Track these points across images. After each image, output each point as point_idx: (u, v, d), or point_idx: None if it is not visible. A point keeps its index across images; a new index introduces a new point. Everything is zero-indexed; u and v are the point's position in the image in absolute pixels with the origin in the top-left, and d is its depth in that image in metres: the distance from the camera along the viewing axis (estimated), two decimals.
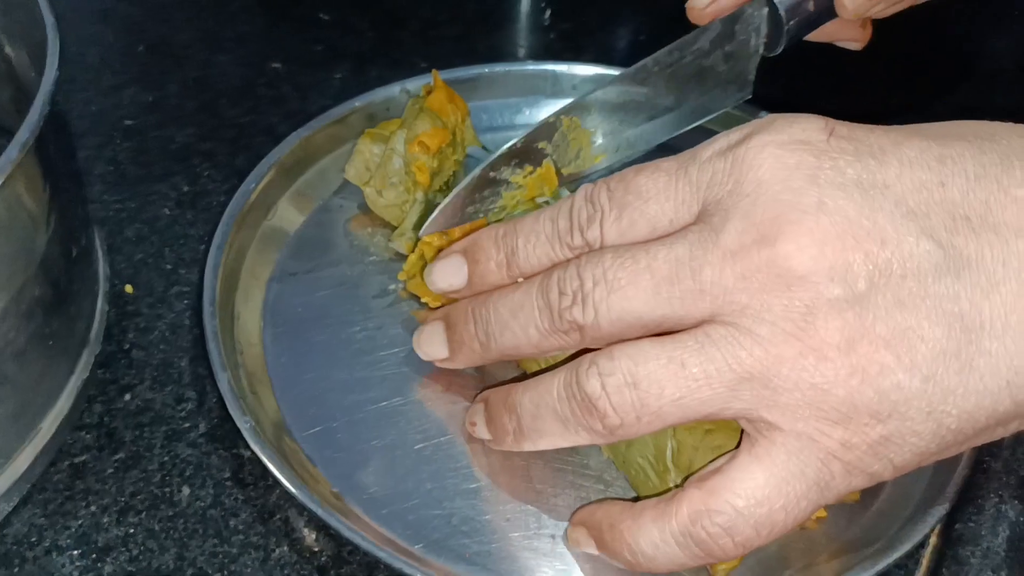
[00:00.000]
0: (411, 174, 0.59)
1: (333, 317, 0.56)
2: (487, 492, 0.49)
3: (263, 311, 0.56)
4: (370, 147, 0.61)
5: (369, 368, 0.54)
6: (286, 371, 0.53)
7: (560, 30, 0.78)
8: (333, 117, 0.64)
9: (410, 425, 0.52)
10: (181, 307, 0.57)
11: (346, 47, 0.75)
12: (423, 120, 0.60)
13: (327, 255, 0.60)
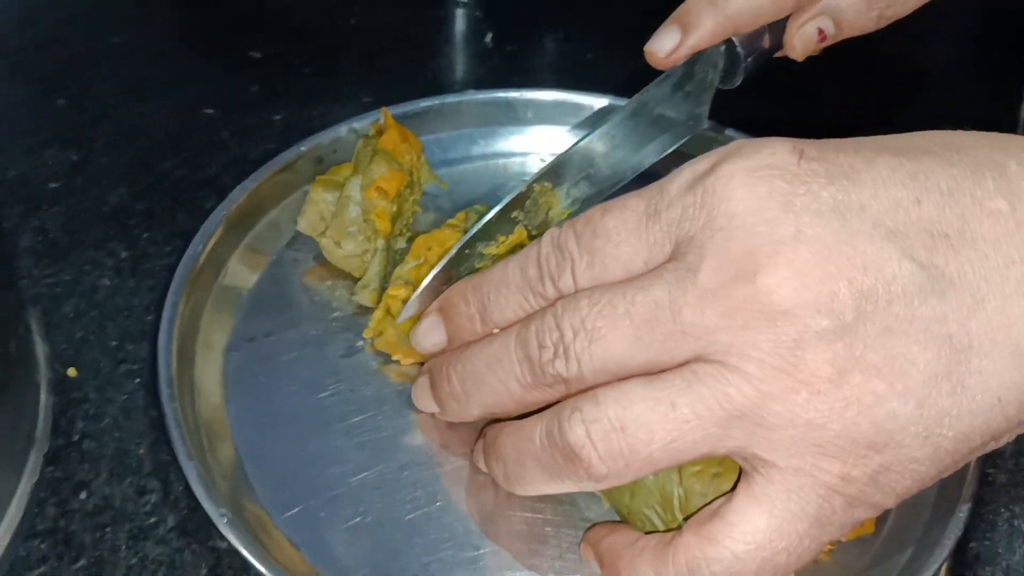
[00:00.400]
0: (370, 222, 0.56)
1: (300, 383, 0.52)
2: (488, 559, 0.46)
3: (224, 383, 0.52)
4: (323, 195, 0.57)
5: (345, 436, 0.50)
6: (256, 448, 0.49)
7: (504, 53, 0.75)
8: (280, 164, 0.60)
9: (397, 495, 0.48)
10: (132, 387, 0.53)
11: (284, 85, 0.71)
12: (378, 163, 0.56)
13: (286, 314, 0.56)
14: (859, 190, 0.37)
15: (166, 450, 0.49)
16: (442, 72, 0.74)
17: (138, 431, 0.50)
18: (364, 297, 0.56)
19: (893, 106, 0.72)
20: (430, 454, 0.50)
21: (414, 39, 0.76)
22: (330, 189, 0.57)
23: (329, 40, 0.75)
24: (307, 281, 0.57)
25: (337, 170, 0.58)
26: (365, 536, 0.46)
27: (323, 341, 0.54)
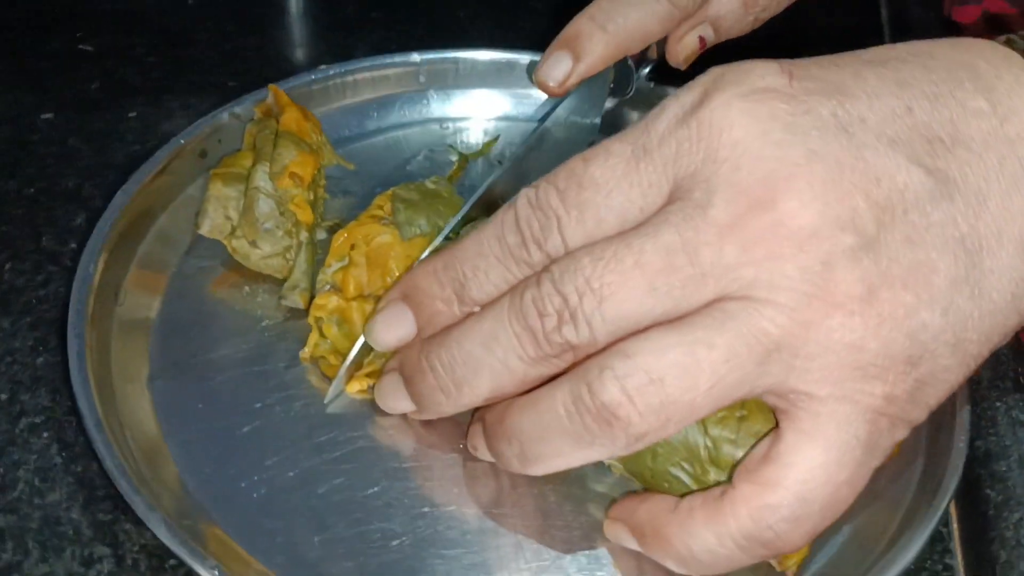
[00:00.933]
0: (288, 214, 0.49)
1: (244, 404, 0.46)
2: (492, 561, 0.42)
3: (156, 418, 0.45)
4: (224, 191, 0.50)
5: (314, 455, 0.44)
6: (217, 487, 0.43)
7: (370, 20, 0.69)
8: (159, 164, 0.52)
9: (377, 514, 0.43)
10: (40, 445, 0.44)
11: (130, 79, 0.63)
12: (285, 146, 0.50)
13: (207, 332, 0.48)
14: (855, 104, 0.36)
15: (104, 507, 0.42)
16: (305, 47, 0.67)
17: (65, 494, 0.43)
18: (294, 300, 0.49)
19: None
20: (410, 466, 0.44)
21: (263, 16, 0.69)
22: (231, 183, 0.50)
23: (168, 25, 0.67)
24: (220, 292, 0.50)
25: (232, 161, 0.51)
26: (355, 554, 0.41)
27: (259, 355, 0.48)
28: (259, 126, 0.52)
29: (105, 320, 0.47)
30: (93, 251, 0.48)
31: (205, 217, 0.50)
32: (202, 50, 0.65)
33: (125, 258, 0.50)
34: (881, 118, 0.36)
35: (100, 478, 0.43)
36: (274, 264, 0.50)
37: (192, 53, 0.65)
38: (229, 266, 0.51)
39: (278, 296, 0.50)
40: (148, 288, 0.50)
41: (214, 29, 0.67)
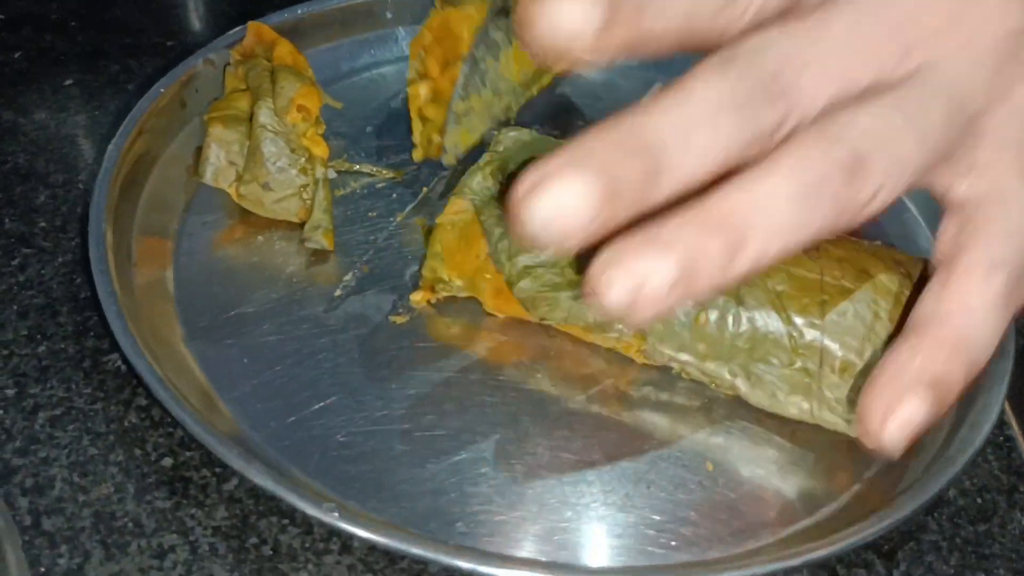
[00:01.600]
0: (300, 150, 0.46)
1: (292, 353, 0.43)
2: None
3: (206, 378, 0.41)
4: (225, 135, 0.46)
5: (379, 392, 0.42)
6: (287, 439, 0.40)
7: None
8: (140, 119, 0.47)
9: (461, 448, 0.41)
10: (69, 438, 0.40)
11: (57, 46, 0.57)
12: (286, 80, 0.47)
13: (231, 289, 0.45)
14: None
15: (160, 494, 0.38)
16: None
17: (111, 484, 0.38)
18: (318, 240, 0.46)
19: None
20: (487, 390, 0.43)
21: None
22: (232, 125, 0.47)
23: None
24: (232, 246, 0.47)
25: (224, 104, 0.48)
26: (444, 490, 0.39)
27: (292, 302, 0.45)
28: (247, 66, 0.48)
29: (127, 284, 0.42)
30: (99, 214, 0.43)
31: (207, 164, 0.47)
32: (126, 12, 0.60)
33: (126, 223, 0.45)
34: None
35: (147, 464, 0.39)
36: (290, 206, 0.46)
37: (116, 16, 0.60)
38: (235, 217, 0.47)
39: (299, 240, 0.47)
40: (156, 253, 0.45)
41: None
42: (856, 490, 0.41)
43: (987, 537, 0.40)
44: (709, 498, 0.40)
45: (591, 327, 0.43)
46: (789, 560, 0.36)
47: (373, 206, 0.50)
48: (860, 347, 0.40)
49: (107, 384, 0.40)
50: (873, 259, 0.42)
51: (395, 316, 0.45)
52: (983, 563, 0.39)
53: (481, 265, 0.44)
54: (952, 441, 0.40)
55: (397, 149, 0.52)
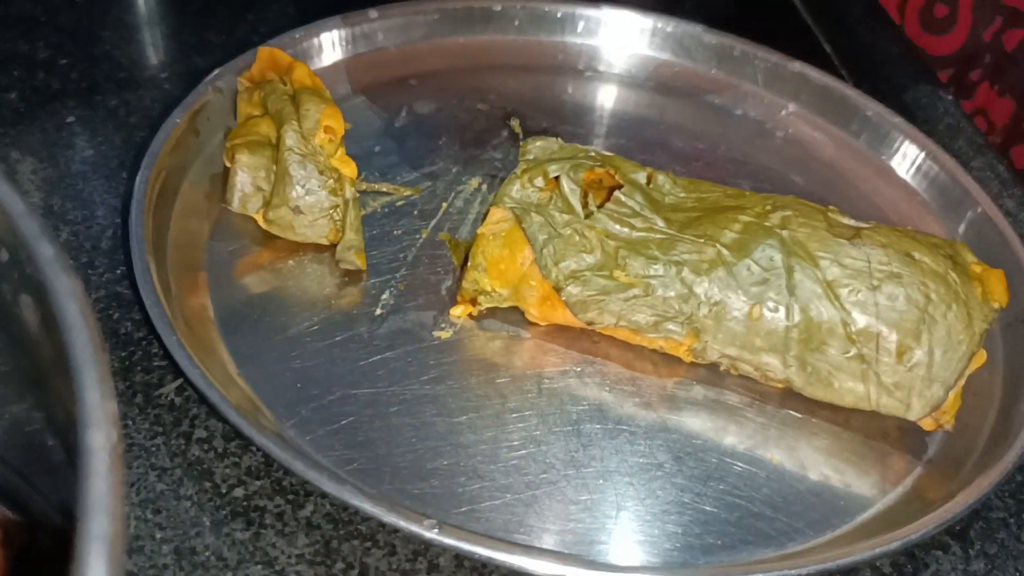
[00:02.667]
0: (328, 171, 0.45)
1: (347, 375, 0.42)
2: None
3: (266, 408, 0.40)
4: (252, 160, 0.46)
5: (436, 408, 0.41)
6: (364, 465, 0.39)
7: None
8: (161, 151, 0.46)
9: (521, 454, 0.40)
10: (135, 476, 0.39)
11: (50, 84, 0.55)
12: (310, 102, 0.46)
13: (272, 315, 0.44)
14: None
15: (238, 526, 0.37)
16: (220, 27, 0.62)
17: (187, 519, 0.37)
18: (351, 260, 0.46)
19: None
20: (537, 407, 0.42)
21: (163, 3, 0.63)
22: (257, 151, 0.46)
23: (63, 24, 0.60)
24: (264, 271, 0.46)
25: (244, 130, 0.47)
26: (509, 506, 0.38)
27: (336, 324, 0.44)
28: (263, 91, 0.48)
29: (176, 317, 0.41)
30: (140, 249, 0.42)
31: (234, 191, 0.46)
32: (115, 45, 0.59)
33: (161, 255, 0.44)
34: None
35: (218, 496, 0.38)
36: (321, 228, 0.46)
37: (105, 50, 0.58)
38: (260, 243, 0.47)
39: (329, 261, 0.46)
40: (193, 284, 0.44)
41: (116, 22, 0.60)
42: (919, 473, 0.41)
43: None
44: (779, 491, 0.40)
45: (641, 328, 0.43)
46: (871, 551, 0.36)
47: (397, 224, 0.49)
48: (915, 330, 0.40)
49: (163, 418, 0.39)
50: (915, 243, 0.42)
51: (439, 332, 0.44)
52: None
53: (526, 272, 0.43)
54: (1011, 416, 0.41)
55: (407, 167, 0.52)
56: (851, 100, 0.56)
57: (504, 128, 0.55)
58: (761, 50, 0.58)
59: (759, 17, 0.68)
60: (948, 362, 0.40)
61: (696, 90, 0.58)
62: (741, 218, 0.43)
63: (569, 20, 0.59)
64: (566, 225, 0.43)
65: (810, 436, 0.42)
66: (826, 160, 0.55)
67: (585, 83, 0.58)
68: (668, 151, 0.55)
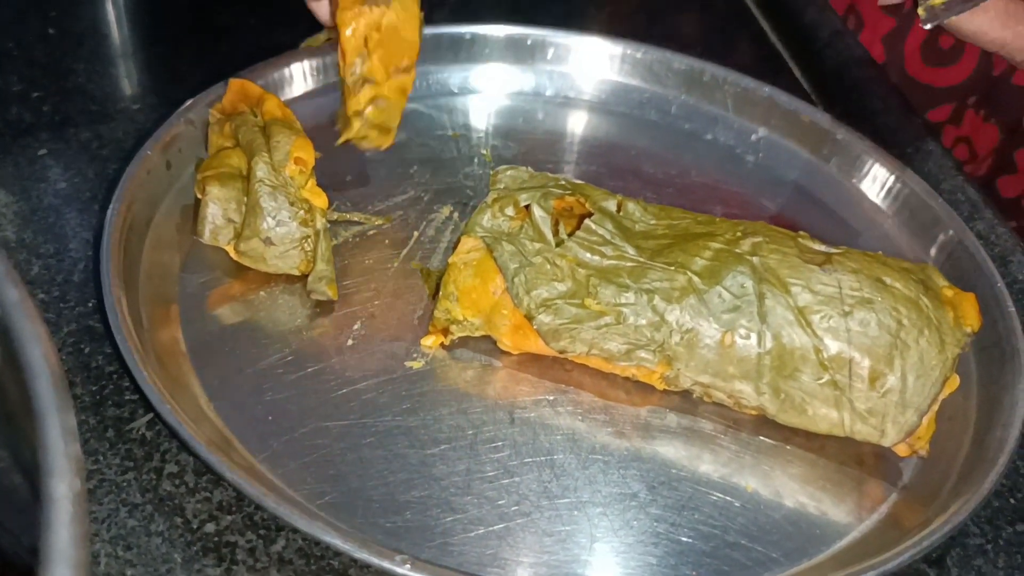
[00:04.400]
0: (299, 202, 0.45)
1: (319, 407, 0.42)
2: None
3: (239, 441, 0.40)
4: (223, 192, 0.45)
5: (414, 441, 0.41)
6: (341, 498, 0.39)
7: (248, 24, 0.65)
8: (128, 183, 0.46)
9: (501, 489, 0.40)
10: (105, 511, 0.38)
11: (23, 117, 0.55)
12: (281, 134, 0.46)
13: (246, 348, 0.44)
14: None
15: (209, 561, 0.36)
16: (190, 59, 0.62)
17: (158, 554, 0.37)
18: (323, 291, 0.46)
19: None
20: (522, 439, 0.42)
21: (138, 36, 0.63)
22: (228, 183, 0.46)
23: (36, 58, 0.60)
24: (236, 303, 0.46)
25: (216, 162, 0.47)
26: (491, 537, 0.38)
27: (307, 357, 0.44)
28: (234, 123, 0.48)
29: (147, 351, 0.41)
30: (110, 283, 0.42)
31: (205, 223, 0.46)
32: (88, 79, 0.59)
33: (133, 288, 0.44)
34: None
35: (189, 532, 0.37)
36: (292, 259, 0.46)
37: (78, 83, 0.58)
38: (232, 274, 0.46)
39: (301, 292, 0.46)
40: (165, 317, 0.44)
41: (89, 55, 0.60)
42: (895, 499, 0.41)
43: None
44: (755, 520, 0.40)
45: (613, 356, 0.43)
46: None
47: (368, 254, 0.49)
48: (888, 355, 0.40)
49: (134, 453, 0.39)
50: (886, 268, 0.42)
51: (411, 362, 0.44)
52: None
53: (498, 301, 0.43)
54: (986, 442, 0.41)
55: (378, 196, 0.52)
56: (821, 124, 0.56)
57: (475, 156, 0.55)
58: (731, 75, 0.58)
59: (728, 43, 0.69)
60: (921, 387, 0.41)
61: (666, 116, 0.59)
62: (712, 245, 0.43)
63: (539, 47, 0.59)
64: (537, 254, 0.43)
65: (785, 463, 0.42)
66: (797, 184, 0.56)
67: (556, 110, 0.58)
68: (639, 177, 0.55)
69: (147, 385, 0.38)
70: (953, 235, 0.51)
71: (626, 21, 0.67)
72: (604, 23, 0.67)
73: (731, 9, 0.71)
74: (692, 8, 0.70)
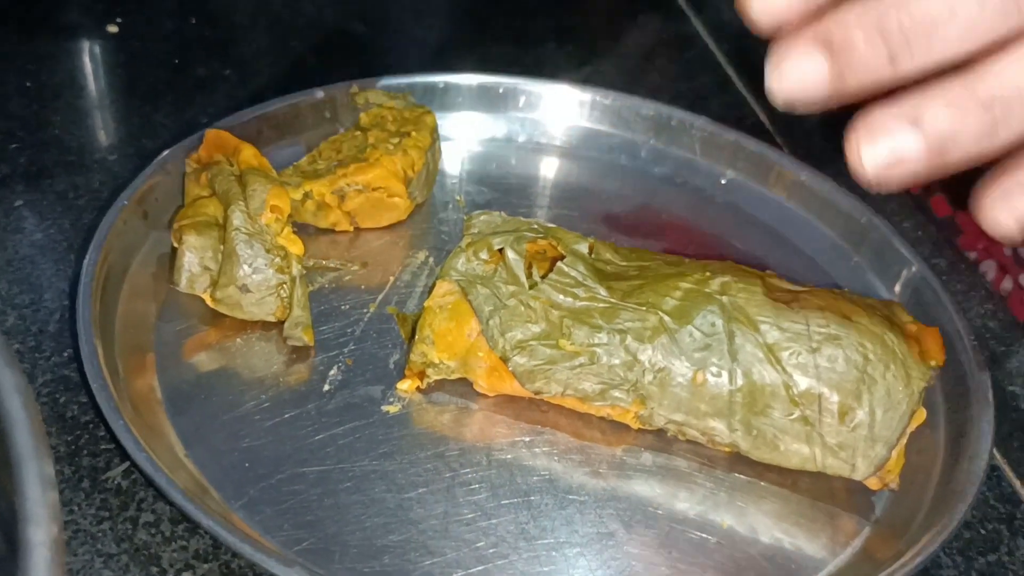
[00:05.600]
0: (275, 249, 0.46)
1: (296, 452, 0.42)
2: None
3: (215, 490, 0.40)
4: (199, 241, 0.46)
5: (391, 485, 0.41)
6: (316, 545, 0.39)
7: (223, 75, 0.66)
8: (106, 233, 0.46)
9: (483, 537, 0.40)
10: (80, 563, 0.38)
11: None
12: (256, 182, 0.47)
13: (223, 395, 0.44)
14: None
15: None
16: (169, 109, 0.62)
17: None
18: (299, 337, 0.46)
19: None
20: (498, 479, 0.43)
21: (113, 87, 0.64)
22: (204, 232, 0.46)
23: (12, 111, 0.60)
24: (212, 351, 0.46)
25: (192, 211, 0.47)
26: None
27: (283, 403, 0.44)
28: (210, 172, 0.48)
29: (123, 400, 0.41)
30: (87, 332, 0.42)
31: (182, 272, 0.46)
32: (64, 129, 0.59)
33: (109, 338, 0.44)
34: None
35: None
36: (268, 306, 0.46)
37: (55, 134, 0.59)
38: (208, 322, 0.47)
39: (277, 339, 0.46)
40: (140, 366, 0.44)
41: (66, 107, 0.61)
42: (868, 533, 0.42)
43: (999, 567, 0.41)
44: (731, 556, 0.40)
45: (588, 396, 0.44)
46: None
47: (344, 299, 0.49)
48: (856, 390, 0.41)
49: (110, 503, 0.39)
50: (852, 305, 0.43)
51: (388, 406, 0.44)
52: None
53: (473, 344, 0.44)
54: (953, 475, 0.42)
55: (355, 242, 0.52)
56: (785, 167, 0.57)
57: (449, 202, 0.56)
58: (699, 120, 0.59)
59: (696, 88, 0.70)
60: (889, 421, 0.41)
61: (636, 159, 0.60)
62: (682, 285, 0.44)
63: (511, 95, 0.60)
64: (511, 296, 0.44)
65: (759, 499, 0.43)
66: (764, 225, 0.57)
67: (528, 155, 0.59)
68: (610, 220, 0.56)
69: (123, 434, 0.38)
70: (916, 272, 0.52)
71: (595, 69, 0.69)
72: (574, 71, 0.68)
73: (697, 56, 0.73)
74: (660, 55, 0.72)
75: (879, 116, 0.34)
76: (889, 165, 0.33)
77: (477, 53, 0.68)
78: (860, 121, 0.34)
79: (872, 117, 0.34)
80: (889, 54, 0.33)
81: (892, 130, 0.33)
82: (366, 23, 0.72)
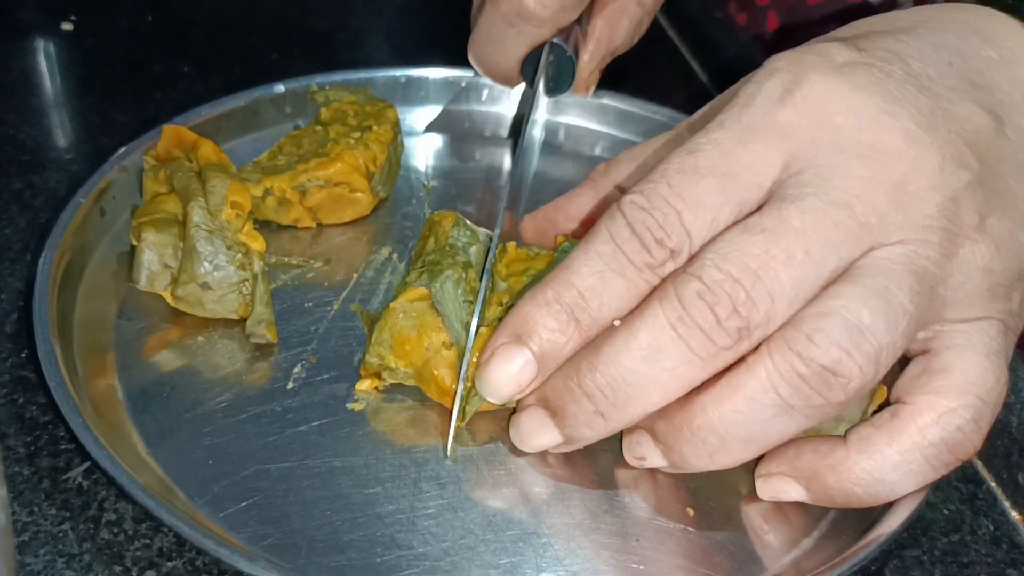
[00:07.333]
0: (236, 246, 0.45)
1: (261, 450, 0.42)
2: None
3: (178, 488, 0.39)
4: (158, 238, 0.45)
5: (357, 482, 0.41)
6: (284, 543, 0.38)
7: (183, 72, 0.65)
8: (62, 232, 0.46)
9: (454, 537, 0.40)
10: (41, 563, 0.37)
11: None
12: (216, 178, 0.46)
13: (185, 393, 0.43)
14: (915, 65, 0.39)
15: None
16: (129, 106, 0.62)
17: None
18: (262, 334, 0.45)
19: None
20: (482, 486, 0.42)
21: (68, 89, 0.63)
22: (164, 229, 0.46)
23: None
24: (174, 348, 0.45)
25: (151, 208, 0.47)
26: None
27: (247, 401, 0.44)
28: (168, 169, 0.48)
29: (82, 399, 0.41)
30: (44, 332, 0.42)
31: (141, 269, 0.45)
32: (19, 128, 0.58)
33: (67, 337, 0.44)
34: (938, 73, 0.39)
35: None
36: (230, 303, 0.45)
37: (9, 133, 0.58)
38: (169, 320, 0.46)
39: (240, 336, 0.46)
40: (100, 365, 0.44)
41: (20, 106, 0.60)
42: (833, 515, 0.42)
43: (962, 546, 0.42)
44: (698, 543, 0.40)
45: None
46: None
47: (307, 296, 0.49)
48: None
49: (71, 503, 0.38)
50: None
51: (352, 404, 0.44)
52: (964, 571, 0.41)
53: (429, 360, 0.43)
54: None
55: (317, 238, 0.52)
56: None
57: (413, 197, 0.56)
58: (660, 111, 0.59)
59: (661, 81, 0.70)
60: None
61: (602, 152, 0.60)
62: None
63: (474, 88, 0.60)
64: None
65: (723, 483, 0.43)
66: None
67: (492, 149, 0.59)
68: None
69: (83, 432, 0.37)
70: None
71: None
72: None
73: (660, 49, 0.73)
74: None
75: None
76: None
77: (440, 47, 0.68)
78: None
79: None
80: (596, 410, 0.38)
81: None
82: (326, 18, 0.72)
